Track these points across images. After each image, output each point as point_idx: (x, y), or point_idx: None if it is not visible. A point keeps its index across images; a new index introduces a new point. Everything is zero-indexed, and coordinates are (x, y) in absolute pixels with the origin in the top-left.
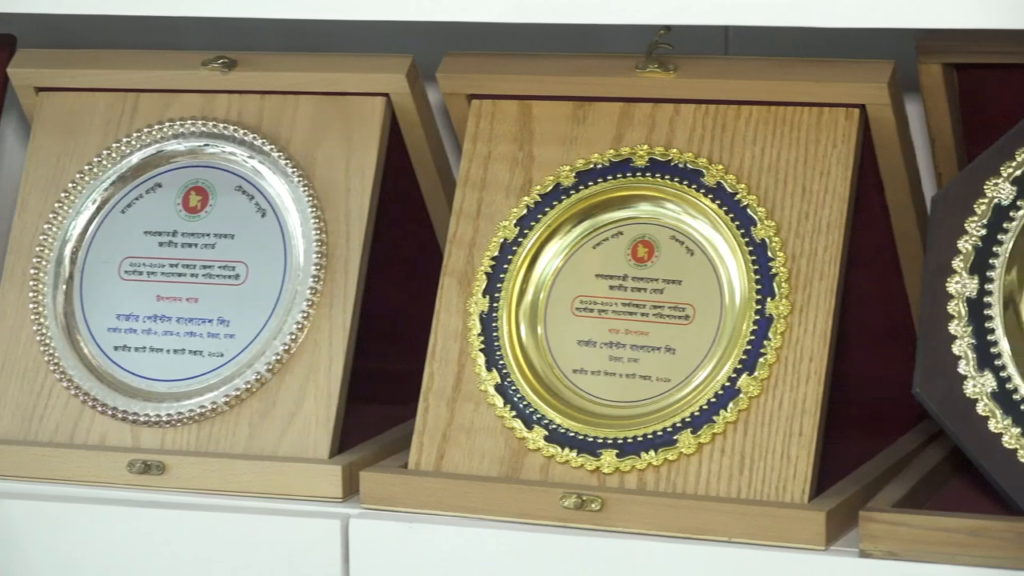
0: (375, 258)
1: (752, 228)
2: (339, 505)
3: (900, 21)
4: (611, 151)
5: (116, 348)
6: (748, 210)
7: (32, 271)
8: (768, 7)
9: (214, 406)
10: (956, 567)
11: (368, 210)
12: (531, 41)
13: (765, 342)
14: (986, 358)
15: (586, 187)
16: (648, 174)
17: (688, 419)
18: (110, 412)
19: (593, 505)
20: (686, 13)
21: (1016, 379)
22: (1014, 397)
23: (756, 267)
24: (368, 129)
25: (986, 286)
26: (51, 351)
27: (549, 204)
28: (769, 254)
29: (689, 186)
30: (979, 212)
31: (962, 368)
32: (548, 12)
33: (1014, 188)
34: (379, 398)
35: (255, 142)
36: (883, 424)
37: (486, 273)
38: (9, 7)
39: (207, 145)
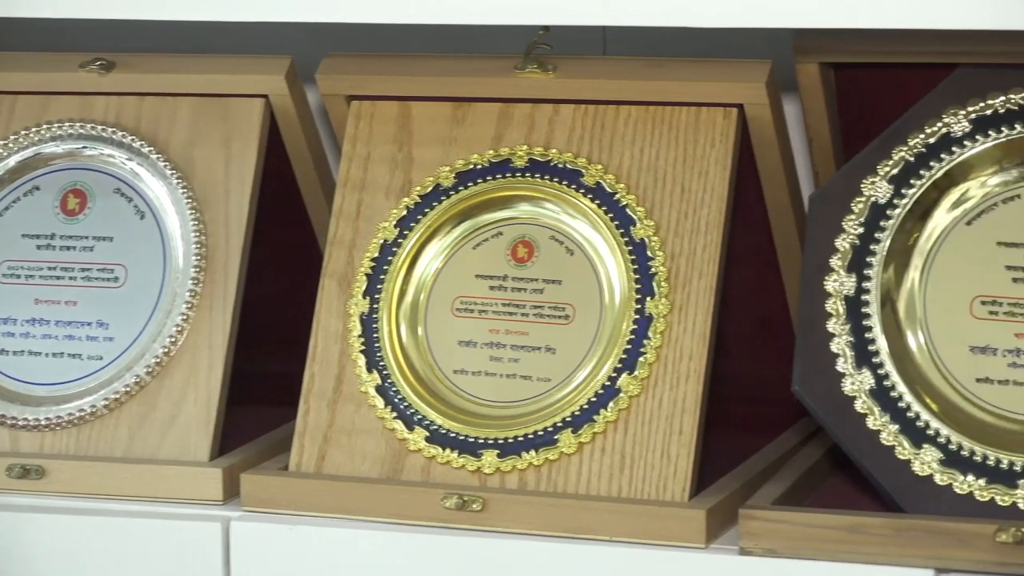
0: (255, 260)
1: (631, 228)
2: (220, 508)
3: (776, 21)
4: (491, 152)
5: None
6: (627, 210)
7: None
8: (646, 8)
9: (93, 409)
10: (835, 564)
11: (247, 212)
12: (410, 42)
13: (645, 341)
14: (864, 356)
15: (466, 188)
16: (527, 174)
17: (568, 419)
18: None
19: (474, 505)
20: (564, 14)
21: (894, 376)
22: (892, 394)
23: (635, 266)
24: (247, 131)
25: (864, 284)
26: None
27: (429, 205)
28: (648, 253)
29: (568, 186)
30: (856, 211)
31: (840, 366)
32: (425, 13)
33: (891, 187)
34: (261, 400)
35: (133, 144)
36: (763, 422)
37: (366, 274)
38: None
39: (85, 147)
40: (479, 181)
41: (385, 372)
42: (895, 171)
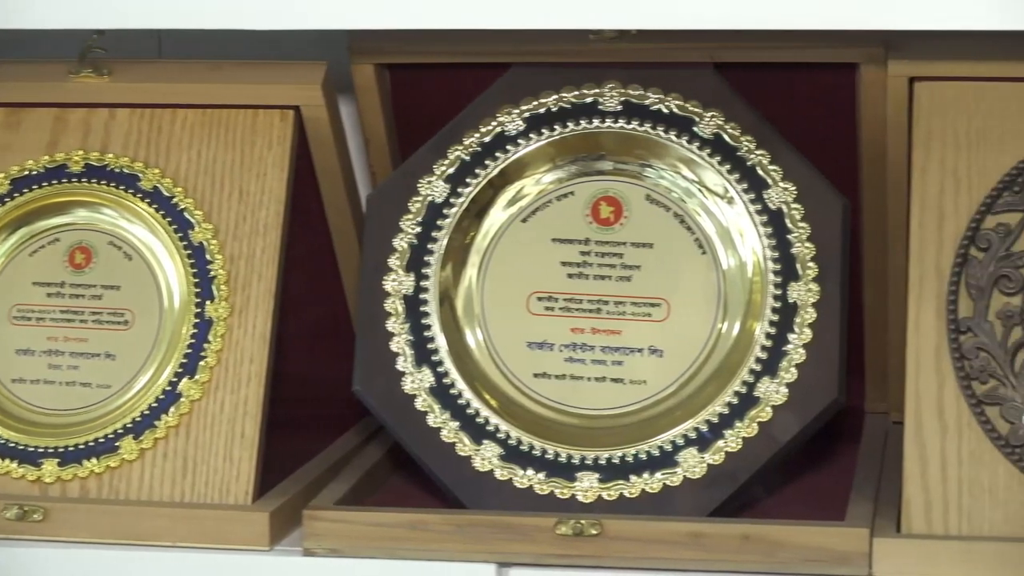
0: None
1: (190, 231)
2: None
3: (330, 22)
4: (46, 157)
5: None
6: (185, 213)
7: None
8: (199, 11)
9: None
10: (398, 561)
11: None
12: None
13: (205, 345)
14: (424, 354)
15: (21, 194)
16: (84, 180)
17: (129, 425)
18: None
19: (35, 515)
20: (117, 17)
21: (453, 374)
22: (451, 392)
23: (195, 270)
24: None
25: (422, 283)
26: None
27: None
28: (207, 257)
29: (126, 191)
30: (414, 210)
31: (400, 365)
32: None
33: (448, 186)
34: None
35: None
36: (326, 423)
37: None
38: None
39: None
40: (34, 187)
41: None
42: (451, 170)
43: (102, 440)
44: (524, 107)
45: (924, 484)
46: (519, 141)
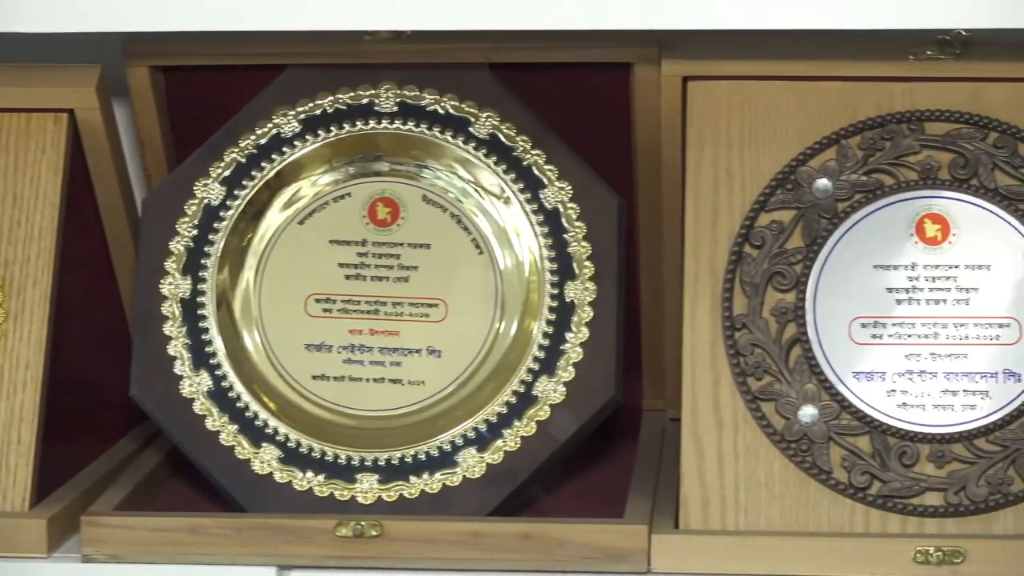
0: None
1: None
2: None
3: (104, 25)
4: None
5: None
6: None
7: None
8: None
9: None
10: (178, 566)
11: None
12: None
13: None
14: (201, 357)
15: None
16: None
17: None
18: None
19: None
20: None
21: (231, 377)
22: (229, 395)
23: None
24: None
25: (199, 286)
26: None
27: None
28: None
29: None
30: (190, 213)
31: (178, 368)
32: None
33: (223, 188)
34: None
35: None
36: (104, 428)
37: None
38: None
39: None
40: None
41: None
42: (227, 173)
43: None
44: (300, 109)
45: (701, 480)
46: (295, 143)
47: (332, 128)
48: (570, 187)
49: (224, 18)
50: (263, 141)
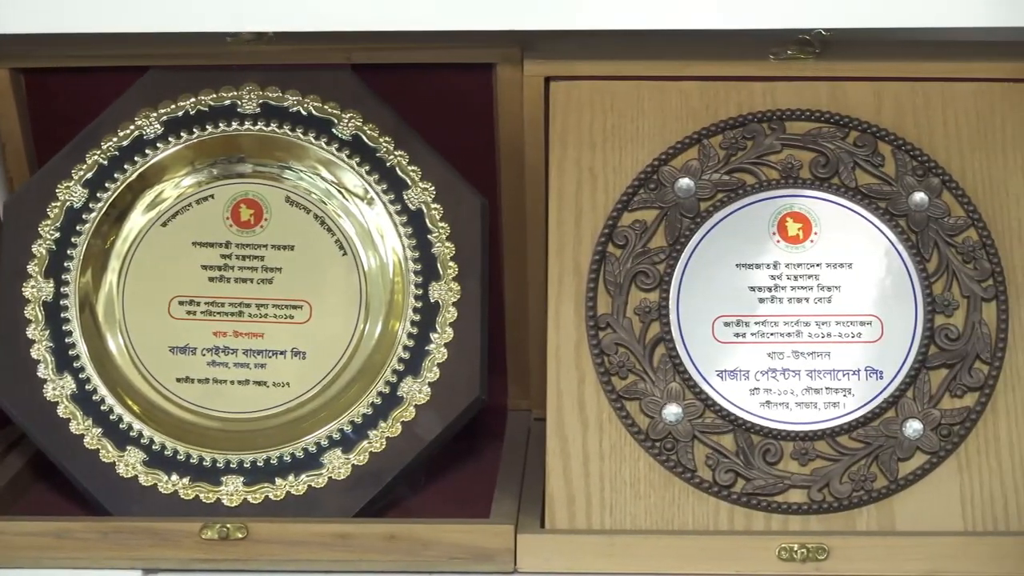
0: None
1: None
2: None
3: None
4: None
5: None
6: None
7: None
8: None
9: None
10: (42, 570)
11: None
12: None
13: None
14: (65, 360)
15: None
16: None
17: None
18: None
19: None
20: None
21: (95, 380)
22: (94, 398)
23: None
24: None
25: (62, 289)
26: None
27: None
28: None
29: None
30: (52, 215)
31: (41, 372)
32: None
33: (86, 190)
34: None
35: None
36: None
37: None
38: None
39: None
40: None
41: None
42: (89, 175)
43: None
44: (162, 110)
45: (567, 479)
46: (158, 145)
47: (195, 130)
48: (433, 188)
49: (86, 20)
50: (125, 143)
